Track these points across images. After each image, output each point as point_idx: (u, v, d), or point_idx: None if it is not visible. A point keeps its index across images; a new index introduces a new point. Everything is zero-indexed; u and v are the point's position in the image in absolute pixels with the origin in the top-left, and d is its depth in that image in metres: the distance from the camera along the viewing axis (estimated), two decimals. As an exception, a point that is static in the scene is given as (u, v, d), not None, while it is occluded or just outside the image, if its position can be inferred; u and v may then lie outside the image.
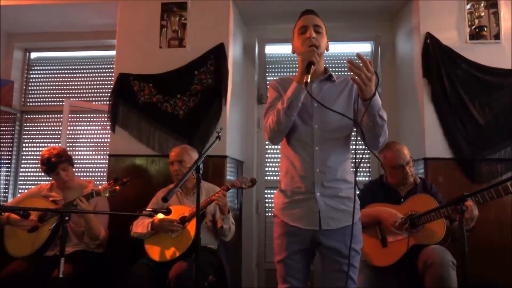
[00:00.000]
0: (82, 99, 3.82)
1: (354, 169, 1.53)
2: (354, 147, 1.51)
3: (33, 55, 4.01)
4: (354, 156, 1.49)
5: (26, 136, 3.87)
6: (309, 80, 1.41)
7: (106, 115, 3.07)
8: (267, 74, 3.64)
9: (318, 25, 1.60)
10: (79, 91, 3.85)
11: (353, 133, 1.64)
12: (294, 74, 1.65)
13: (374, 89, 1.36)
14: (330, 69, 1.70)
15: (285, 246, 1.58)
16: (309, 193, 1.54)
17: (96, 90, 3.84)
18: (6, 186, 3.76)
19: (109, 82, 3.78)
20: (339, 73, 1.70)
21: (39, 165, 2.53)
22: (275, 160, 3.59)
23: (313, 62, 1.46)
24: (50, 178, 2.59)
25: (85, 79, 3.86)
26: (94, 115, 3.75)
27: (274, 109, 1.57)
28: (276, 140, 1.60)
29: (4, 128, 3.72)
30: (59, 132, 3.57)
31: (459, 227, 1.54)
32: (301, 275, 1.57)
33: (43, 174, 2.59)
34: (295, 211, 1.57)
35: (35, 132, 3.87)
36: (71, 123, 3.65)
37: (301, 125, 1.58)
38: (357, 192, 1.64)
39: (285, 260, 1.57)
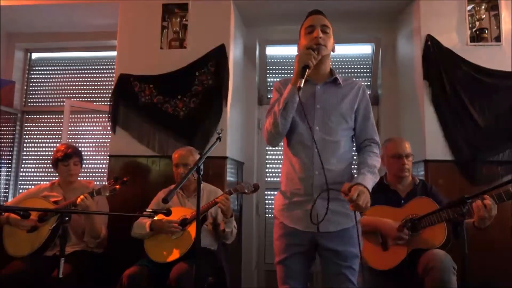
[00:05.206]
0: (83, 99, 3.82)
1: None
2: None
3: (34, 55, 4.02)
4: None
5: (26, 136, 3.87)
6: (302, 85, 1.41)
7: (106, 115, 3.07)
8: (267, 75, 3.64)
9: (325, 25, 1.59)
10: (80, 91, 3.85)
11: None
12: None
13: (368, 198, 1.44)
14: (330, 71, 1.68)
15: (284, 247, 1.57)
16: (308, 195, 1.53)
17: (96, 91, 3.84)
18: (7, 186, 3.76)
19: (109, 83, 3.78)
20: (339, 75, 1.69)
21: (54, 154, 2.53)
22: (276, 161, 3.58)
23: (308, 66, 1.46)
24: (50, 179, 2.58)
25: (86, 79, 3.86)
26: (95, 115, 3.75)
27: None
28: (273, 142, 1.60)
29: (4, 128, 3.72)
30: (60, 132, 3.57)
31: (460, 229, 1.53)
32: (301, 276, 1.56)
33: (43, 174, 2.59)
34: (294, 213, 1.56)
35: (35, 132, 3.87)
36: (72, 124, 3.64)
37: (302, 126, 1.57)
38: None
39: (284, 261, 1.57)
